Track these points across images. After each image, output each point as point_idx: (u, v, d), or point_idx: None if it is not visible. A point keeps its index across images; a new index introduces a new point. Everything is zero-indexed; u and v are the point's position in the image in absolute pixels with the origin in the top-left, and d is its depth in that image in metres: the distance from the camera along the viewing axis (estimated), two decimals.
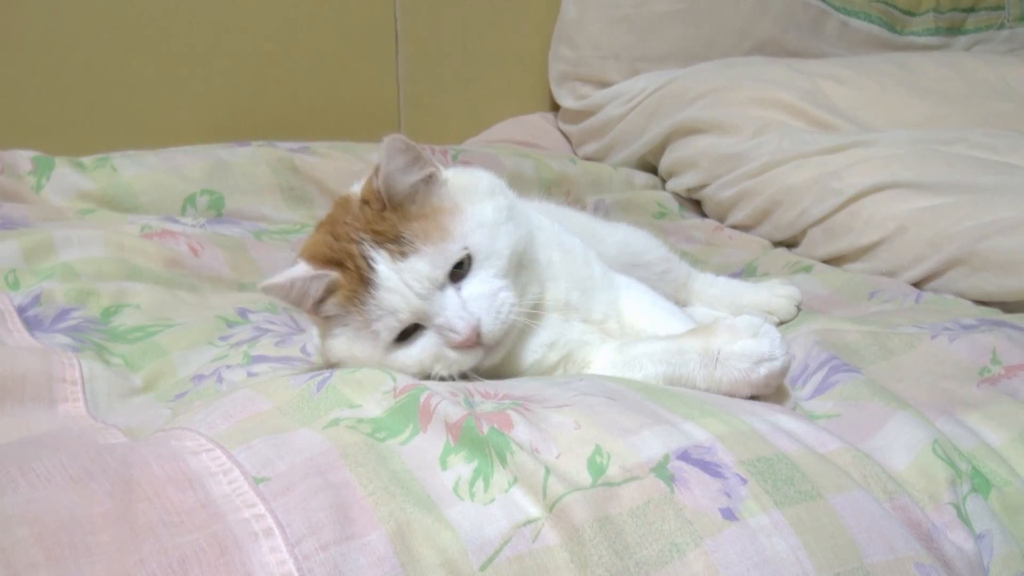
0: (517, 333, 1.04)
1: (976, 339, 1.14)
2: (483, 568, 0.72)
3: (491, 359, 1.01)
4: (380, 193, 1.00)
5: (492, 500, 0.76)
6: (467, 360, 0.99)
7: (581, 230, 1.29)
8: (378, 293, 0.98)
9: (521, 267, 1.04)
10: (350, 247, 0.99)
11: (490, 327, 0.98)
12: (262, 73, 2.26)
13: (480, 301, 0.99)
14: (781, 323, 1.38)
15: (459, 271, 1.00)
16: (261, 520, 0.72)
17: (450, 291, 0.99)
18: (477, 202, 1.03)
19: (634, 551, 0.74)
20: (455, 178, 1.06)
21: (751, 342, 0.97)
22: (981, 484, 0.89)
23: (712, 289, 1.46)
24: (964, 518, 0.85)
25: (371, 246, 0.98)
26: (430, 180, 1.02)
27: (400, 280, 0.97)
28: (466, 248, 0.99)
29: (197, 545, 0.69)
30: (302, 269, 1.01)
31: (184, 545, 0.69)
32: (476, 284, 1.00)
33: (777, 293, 1.43)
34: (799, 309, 1.42)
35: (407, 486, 0.77)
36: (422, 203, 1.01)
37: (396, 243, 0.98)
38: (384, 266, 0.97)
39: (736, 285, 1.48)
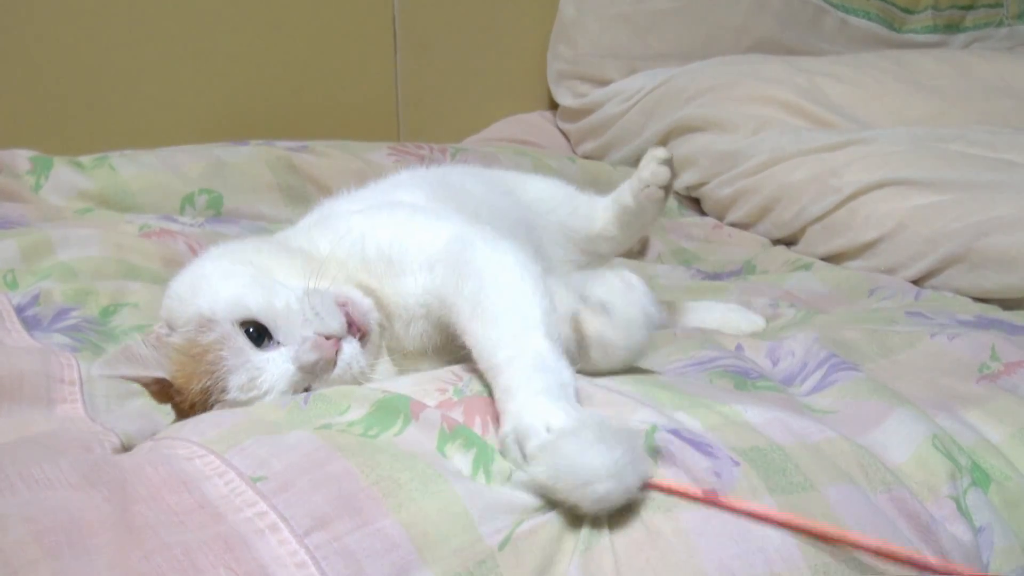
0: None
1: (975, 336, 1.14)
2: (502, 548, 0.71)
3: None
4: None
5: (508, 480, 0.75)
6: None
7: (497, 186, 1.27)
8: None
9: None
10: None
11: None
12: (261, 72, 2.26)
13: None
14: (660, 188, 1.33)
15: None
16: (264, 517, 0.71)
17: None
18: None
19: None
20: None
21: None
22: (981, 478, 0.89)
23: (606, 200, 1.43)
24: (964, 512, 0.85)
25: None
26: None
27: None
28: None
29: (201, 541, 0.69)
30: None
31: (188, 541, 0.69)
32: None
33: (642, 165, 1.35)
34: (668, 164, 1.33)
35: (412, 468, 0.75)
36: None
37: None
38: None
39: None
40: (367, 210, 1.09)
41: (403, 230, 1.02)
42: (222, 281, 0.94)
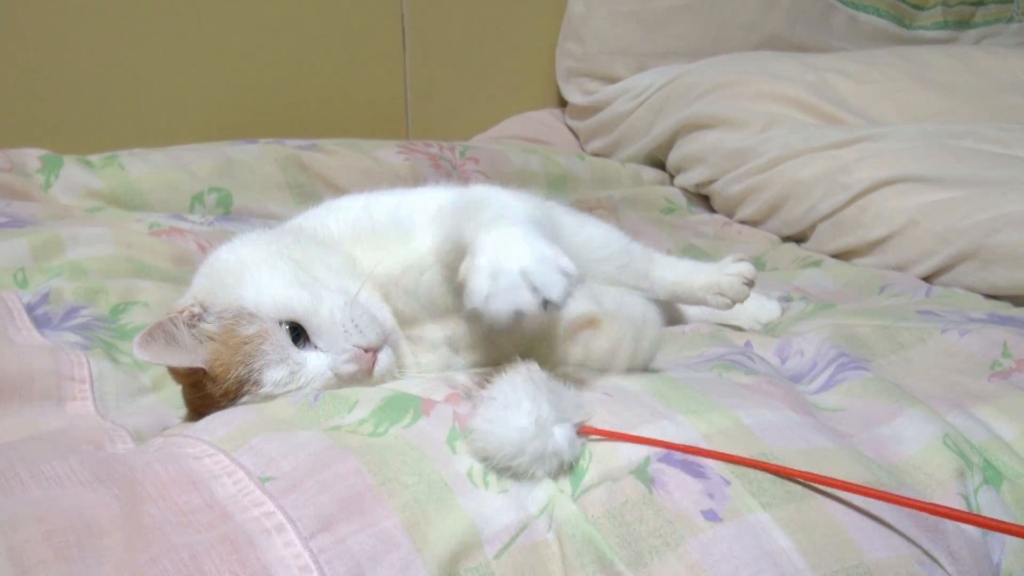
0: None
1: (987, 333, 1.13)
2: (498, 556, 0.72)
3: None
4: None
5: (505, 491, 0.76)
6: None
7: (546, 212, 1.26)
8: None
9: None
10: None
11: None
12: (270, 70, 2.26)
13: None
14: (733, 303, 1.31)
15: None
16: (271, 517, 0.72)
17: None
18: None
19: (617, 551, 0.74)
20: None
21: None
22: (993, 476, 0.89)
23: (669, 274, 1.35)
24: (973, 509, 0.84)
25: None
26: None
27: None
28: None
29: (208, 543, 0.69)
30: None
31: (195, 544, 0.69)
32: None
33: (727, 272, 1.31)
34: (751, 286, 1.34)
35: (419, 471, 0.76)
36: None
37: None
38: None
39: (689, 268, 1.36)
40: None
41: (406, 196, 1.07)
42: (268, 277, 0.95)
